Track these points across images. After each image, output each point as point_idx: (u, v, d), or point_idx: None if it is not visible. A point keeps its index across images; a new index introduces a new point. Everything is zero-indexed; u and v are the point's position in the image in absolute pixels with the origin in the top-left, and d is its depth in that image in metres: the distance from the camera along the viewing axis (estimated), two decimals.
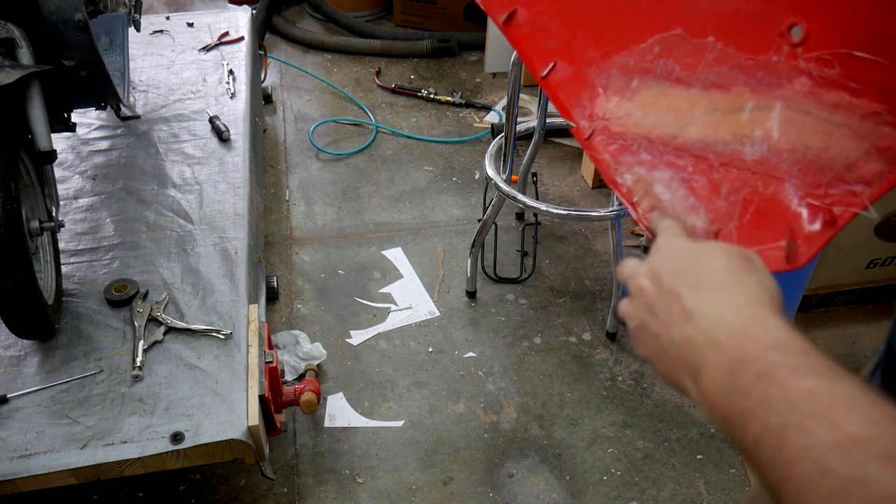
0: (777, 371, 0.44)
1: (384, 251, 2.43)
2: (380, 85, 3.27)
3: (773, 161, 0.62)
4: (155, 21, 2.72)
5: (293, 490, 1.75)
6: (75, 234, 1.82)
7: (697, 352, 0.50)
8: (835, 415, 0.40)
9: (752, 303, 0.50)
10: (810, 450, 0.40)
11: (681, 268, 0.54)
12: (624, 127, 0.68)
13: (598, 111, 0.69)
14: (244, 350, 1.53)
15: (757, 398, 0.44)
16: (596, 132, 0.69)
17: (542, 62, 0.70)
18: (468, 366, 2.06)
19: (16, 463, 1.32)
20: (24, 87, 1.41)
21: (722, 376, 0.47)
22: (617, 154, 0.68)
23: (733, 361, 0.47)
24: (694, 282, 0.53)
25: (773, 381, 0.44)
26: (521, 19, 0.71)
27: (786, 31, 0.62)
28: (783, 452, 0.41)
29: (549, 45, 0.70)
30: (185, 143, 2.15)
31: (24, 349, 1.53)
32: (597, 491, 1.76)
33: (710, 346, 0.49)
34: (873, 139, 0.58)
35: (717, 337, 0.49)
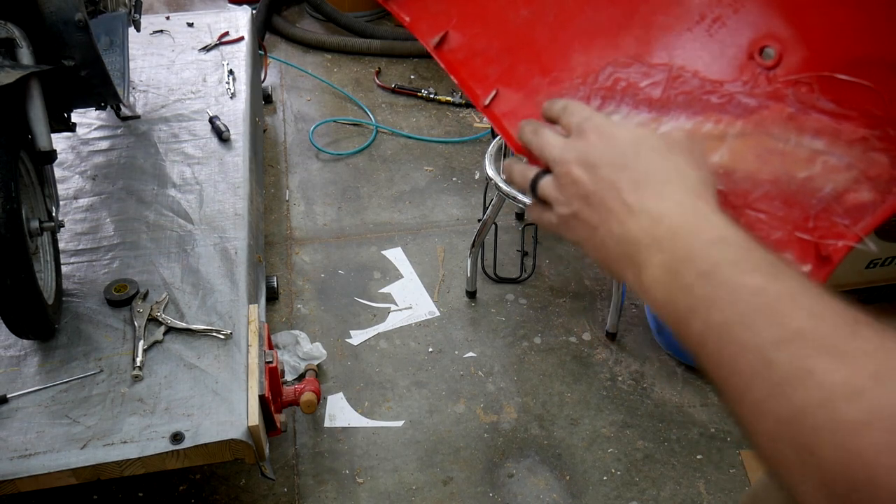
0: (719, 268, 0.44)
1: (384, 251, 2.43)
2: (380, 85, 3.27)
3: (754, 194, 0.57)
4: (155, 21, 2.72)
5: (293, 490, 1.75)
6: (75, 234, 1.82)
7: (640, 249, 0.49)
8: (778, 310, 0.40)
9: (692, 197, 0.49)
10: (754, 345, 0.40)
11: (619, 159, 0.52)
12: None
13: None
14: (244, 350, 1.53)
15: (700, 296, 0.44)
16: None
17: (484, 90, 0.65)
18: (468, 366, 2.06)
19: (16, 463, 1.32)
20: (24, 87, 1.41)
21: (665, 274, 0.47)
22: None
23: (675, 260, 0.46)
24: (634, 175, 0.51)
25: (715, 279, 0.43)
26: (455, 43, 0.65)
27: (756, 53, 0.57)
28: (727, 349, 0.41)
29: (490, 71, 0.64)
30: (185, 143, 2.15)
31: (24, 349, 1.53)
32: (597, 491, 1.76)
33: (652, 243, 0.48)
34: (862, 166, 0.54)
35: (658, 235, 0.48)
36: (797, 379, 0.38)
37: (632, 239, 0.49)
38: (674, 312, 0.46)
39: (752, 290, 0.42)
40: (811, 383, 0.37)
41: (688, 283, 0.45)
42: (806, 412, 0.37)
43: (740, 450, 1.85)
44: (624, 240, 0.50)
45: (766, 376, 0.39)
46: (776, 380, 0.38)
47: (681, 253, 0.46)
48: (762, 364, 0.39)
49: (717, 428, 1.90)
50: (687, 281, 0.45)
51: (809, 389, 0.37)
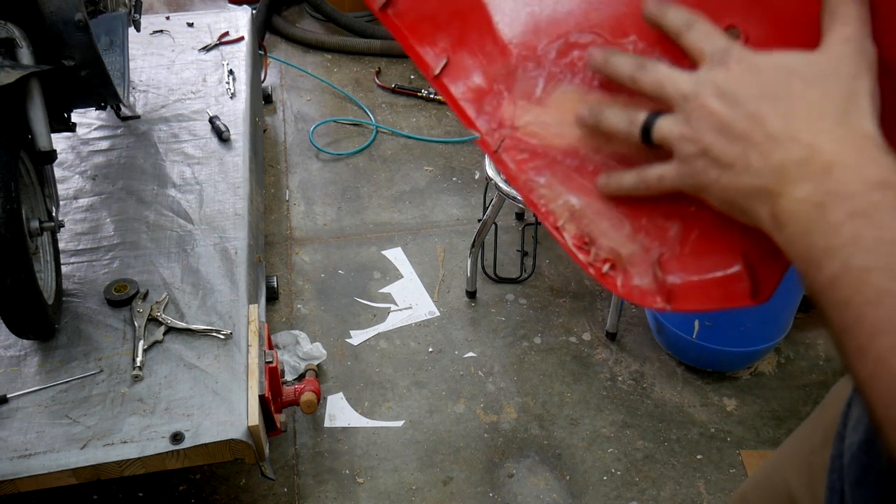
0: (877, 211, 0.39)
1: (384, 251, 2.43)
2: (380, 85, 3.27)
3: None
4: (155, 21, 2.72)
5: (293, 490, 1.75)
6: (75, 234, 1.82)
7: (783, 179, 0.44)
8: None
9: (857, 136, 0.43)
10: (894, 296, 0.37)
11: (766, 90, 0.46)
12: (538, 138, 0.57)
13: (506, 118, 0.58)
14: (244, 350, 1.53)
15: (846, 236, 0.40)
16: (505, 143, 0.58)
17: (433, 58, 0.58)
18: (468, 366, 2.06)
19: (16, 463, 1.32)
20: (24, 87, 1.41)
21: (809, 208, 0.42)
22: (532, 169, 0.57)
23: (827, 194, 0.41)
24: (785, 107, 0.45)
25: (869, 221, 0.39)
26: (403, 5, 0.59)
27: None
28: (862, 293, 0.38)
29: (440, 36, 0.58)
30: (185, 143, 2.15)
31: (24, 349, 1.53)
32: (597, 491, 1.76)
33: (802, 173, 0.43)
34: None
35: (811, 165, 0.43)
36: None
37: (775, 169, 0.44)
38: (806, 250, 0.42)
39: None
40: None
41: (835, 222, 0.40)
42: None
43: (740, 450, 1.86)
44: (764, 171, 0.45)
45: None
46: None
47: (835, 188, 0.41)
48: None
49: (717, 428, 1.90)
50: (835, 219, 0.40)
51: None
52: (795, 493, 0.74)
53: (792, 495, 0.75)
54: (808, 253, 0.42)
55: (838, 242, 0.40)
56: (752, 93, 0.46)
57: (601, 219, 0.56)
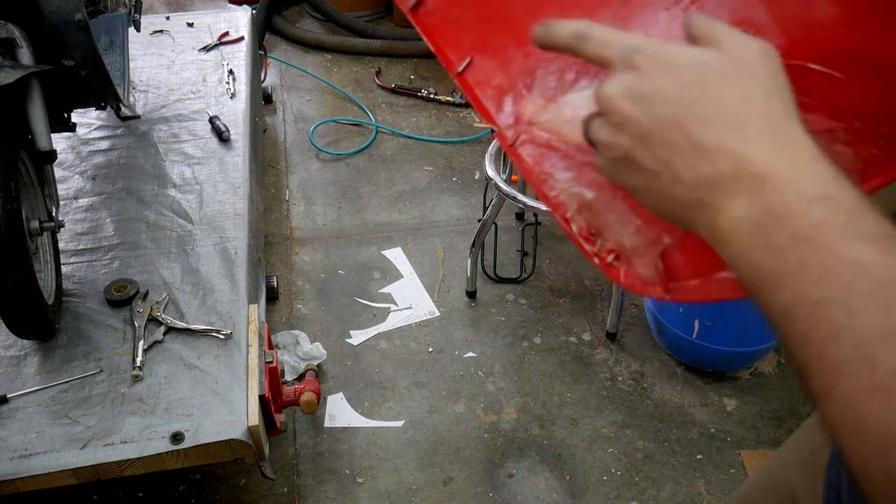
0: (821, 233, 0.36)
1: (384, 251, 2.43)
2: (380, 85, 3.27)
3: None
4: (155, 21, 2.72)
5: (293, 490, 1.75)
6: (75, 234, 1.82)
7: (717, 193, 0.40)
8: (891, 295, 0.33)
9: (788, 142, 0.40)
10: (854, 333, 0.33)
11: (682, 91, 0.42)
12: (553, 133, 0.60)
13: (523, 115, 0.61)
14: (244, 350, 1.53)
15: (793, 264, 0.36)
16: (521, 138, 0.61)
17: (458, 56, 0.62)
18: (468, 366, 2.06)
19: (16, 463, 1.32)
20: (24, 87, 1.41)
21: (749, 228, 0.39)
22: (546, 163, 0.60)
23: (765, 213, 0.38)
24: (703, 110, 0.42)
25: (814, 245, 0.36)
26: (432, 7, 0.62)
27: None
28: (819, 330, 0.35)
29: (464, 38, 0.62)
30: (185, 143, 2.15)
31: (24, 349, 1.53)
32: (597, 491, 1.76)
33: (735, 188, 0.40)
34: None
35: (743, 178, 0.39)
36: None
37: (706, 182, 0.41)
38: (754, 275, 0.39)
39: (861, 265, 0.35)
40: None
41: (778, 245, 0.37)
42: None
43: (740, 450, 1.86)
44: (694, 185, 0.42)
45: (864, 375, 0.33)
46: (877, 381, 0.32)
47: (772, 205, 0.38)
48: (862, 360, 0.33)
49: (717, 428, 1.90)
50: (777, 242, 0.37)
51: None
52: (797, 493, 0.74)
53: (793, 495, 0.75)
54: (754, 276, 0.39)
55: (785, 269, 0.37)
56: (667, 95, 0.43)
57: (609, 212, 0.58)
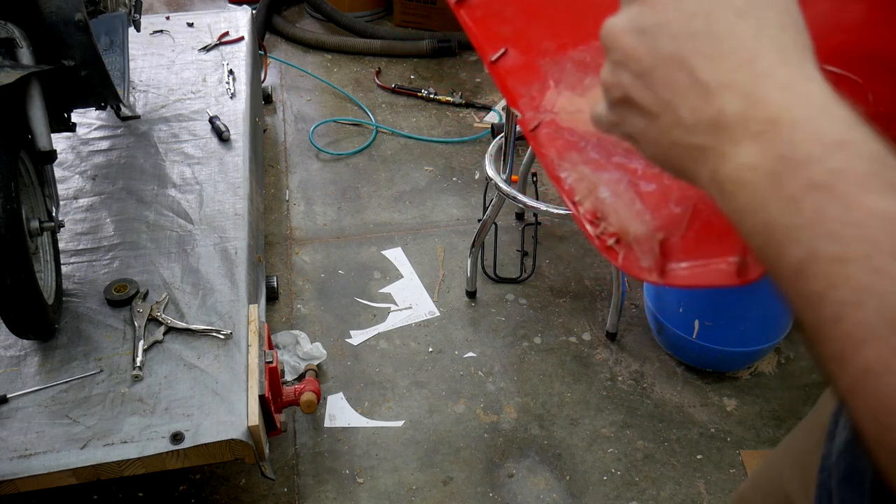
0: (840, 182, 0.32)
1: (384, 251, 2.43)
2: (380, 85, 3.27)
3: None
4: (155, 21, 2.72)
5: (293, 490, 1.75)
6: (75, 234, 1.82)
7: (722, 137, 0.37)
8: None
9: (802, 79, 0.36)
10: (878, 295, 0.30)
11: (686, 26, 0.38)
12: (573, 123, 0.63)
13: (547, 104, 0.64)
14: (244, 350, 1.53)
15: (808, 215, 0.33)
16: (542, 124, 0.64)
17: (493, 47, 0.66)
18: (468, 366, 2.06)
19: (16, 463, 1.32)
20: (24, 87, 1.41)
21: (759, 176, 0.35)
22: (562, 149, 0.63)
23: (778, 159, 0.34)
24: (710, 44, 0.37)
25: (833, 196, 0.32)
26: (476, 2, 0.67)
27: None
28: (837, 290, 0.32)
29: (502, 30, 0.66)
30: (185, 143, 2.15)
31: (24, 349, 1.53)
32: (597, 491, 1.76)
33: (744, 132, 0.36)
34: None
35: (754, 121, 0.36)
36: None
37: (710, 125, 0.37)
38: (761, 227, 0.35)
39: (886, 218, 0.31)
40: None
41: (792, 195, 0.34)
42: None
43: (740, 450, 1.85)
44: (696, 127, 0.38)
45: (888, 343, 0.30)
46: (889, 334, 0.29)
47: (786, 150, 0.34)
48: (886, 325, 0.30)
49: (717, 428, 1.90)
50: (791, 191, 0.34)
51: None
52: (792, 493, 0.74)
53: (788, 496, 0.75)
54: (763, 230, 0.35)
55: (799, 221, 0.33)
56: (671, 28, 0.39)
57: (617, 199, 0.60)
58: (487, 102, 3.16)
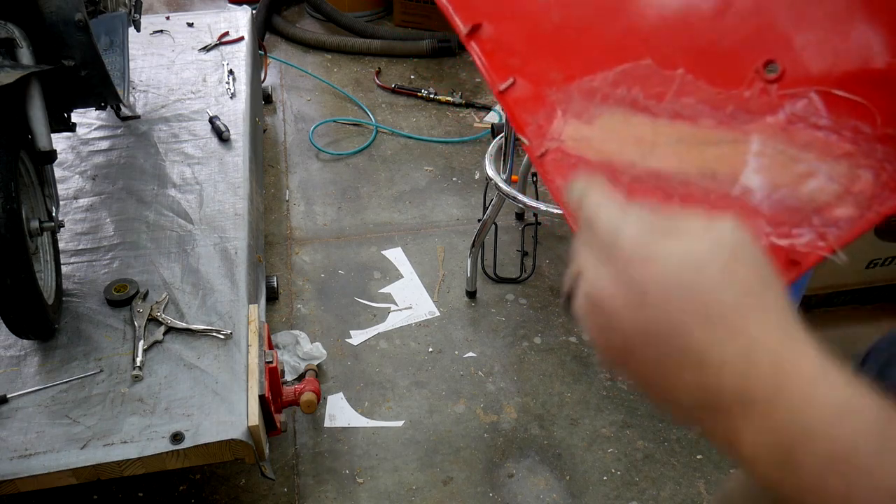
0: (856, 456, 0.33)
1: (384, 251, 2.43)
2: (380, 85, 3.27)
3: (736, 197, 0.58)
4: (155, 21, 2.73)
5: (293, 490, 1.75)
6: (75, 234, 1.82)
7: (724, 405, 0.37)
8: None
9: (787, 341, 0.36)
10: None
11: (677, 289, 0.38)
12: (580, 150, 0.65)
13: (554, 132, 0.67)
14: (244, 350, 1.53)
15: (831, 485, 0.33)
16: (549, 152, 0.66)
17: (501, 77, 0.69)
18: (468, 366, 2.06)
19: (16, 463, 1.32)
20: (24, 87, 1.41)
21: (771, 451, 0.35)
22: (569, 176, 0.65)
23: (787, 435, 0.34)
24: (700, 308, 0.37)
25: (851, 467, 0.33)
26: (486, 34, 0.69)
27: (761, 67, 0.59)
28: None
29: (511, 61, 0.69)
30: (185, 143, 2.15)
31: (24, 349, 1.53)
32: (597, 491, 1.76)
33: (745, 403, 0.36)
34: (846, 182, 0.55)
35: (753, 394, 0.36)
36: None
37: (713, 394, 0.37)
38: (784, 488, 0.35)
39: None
40: None
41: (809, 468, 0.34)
42: None
43: None
44: (699, 394, 0.38)
45: None
46: None
47: (793, 426, 0.34)
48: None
49: None
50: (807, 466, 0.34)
51: None
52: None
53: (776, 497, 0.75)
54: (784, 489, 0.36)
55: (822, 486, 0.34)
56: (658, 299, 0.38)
57: None
58: (487, 102, 3.16)
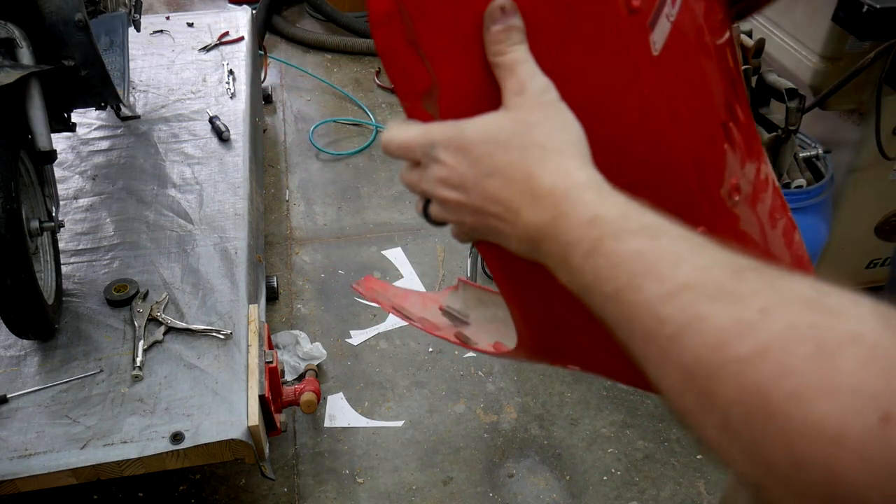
0: (600, 244, 0.45)
1: (384, 251, 2.43)
2: (380, 85, 3.27)
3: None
4: (155, 21, 2.72)
5: (293, 490, 1.75)
6: (75, 234, 1.82)
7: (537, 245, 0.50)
8: (661, 268, 0.41)
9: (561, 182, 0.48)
10: (644, 304, 0.41)
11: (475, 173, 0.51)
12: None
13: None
14: (244, 350, 1.53)
15: (590, 274, 0.45)
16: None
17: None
18: (468, 366, 2.06)
19: (16, 463, 1.32)
20: (24, 87, 1.41)
21: (559, 264, 0.48)
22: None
23: (562, 248, 0.47)
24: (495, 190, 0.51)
25: (599, 254, 0.44)
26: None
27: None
28: (624, 314, 0.43)
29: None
30: (185, 143, 2.15)
31: (24, 349, 1.53)
32: (597, 491, 1.76)
33: (541, 238, 0.49)
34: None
35: (542, 229, 0.48)
36: (689, 327, 0.38)
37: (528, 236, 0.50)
38: (579, 294, 0.47)
39: (634, 253, 0.43)
40: (703, 328, 0.38)
41: (578, 266, 0.46)
42: (702, 358, 0.37)
43: None
44: (523, 237, 0.51)
45: (659, 331, 0.40)
46: (670, 333, 0.39)
47: (566, 240, 0.47)
48: (654, 321, 0.40)
49: None
50: (576, 264, 0.46)
51: (702, 335, 0.37)
52: None
53: None
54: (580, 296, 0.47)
55: (588, 280, 0.45)
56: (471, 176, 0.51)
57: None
58: None
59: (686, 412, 0.40)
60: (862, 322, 0.34)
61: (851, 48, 1.69)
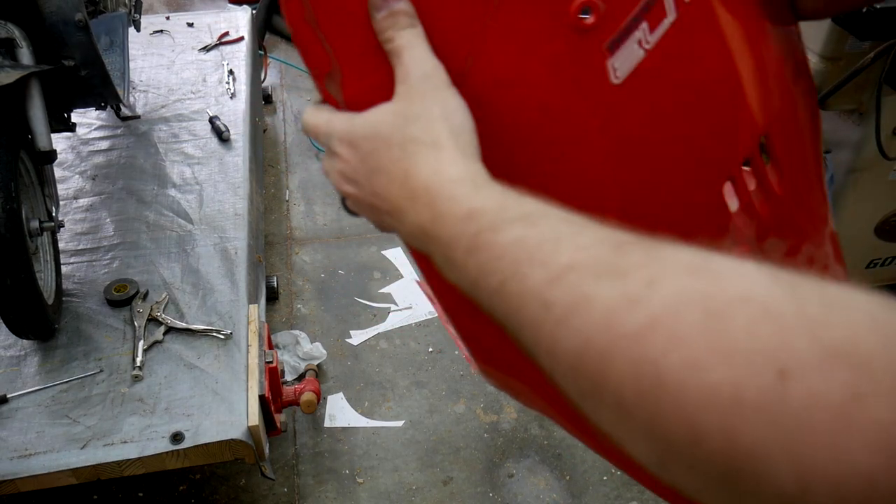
0: (479, 238, 0.43)
1: (384, 251, 2.43)
2: None
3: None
4: (155, 21, 2.72)
5: (293, 490, 1.75)
6: (75, 234, 1.82)
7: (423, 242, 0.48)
8: (543, 252, 0.40)
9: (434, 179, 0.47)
10: (530, 291, 0.40)
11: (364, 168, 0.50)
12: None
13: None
14: (244, 350, 1.53)
15: (474, 270, 0.44)
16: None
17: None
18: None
19: (16, 463, 1.32)
20: (24, 87, 1.41)
21: (443, 264, 0.47)
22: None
23: (444, 247, 0.46)
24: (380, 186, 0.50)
25: (480, 249, 0.43)
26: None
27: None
28: (511, 305, 0.41)
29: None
30: (185, 143, 2.15)
31: (24, 349, 1.53)
32: (597, 491, 1.76)
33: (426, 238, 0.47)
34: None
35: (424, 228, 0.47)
36: (576, 308, 0.37)
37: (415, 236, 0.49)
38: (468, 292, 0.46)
39: (514, 242, 0.42)
40: (590, 308, 0.37)
41: (462, 264, 0.45)
42: (591, 339, 0.36)
43: None
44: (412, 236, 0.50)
45: (547, 317, 0.39)
46: (557, 317, 0.38)
47: (445, 240, 0.46)
48: (541, 307, 0.39)
49: None
50: (460, 262, 0.45)
51: (590, 314, 0.36)
52: None
53: None
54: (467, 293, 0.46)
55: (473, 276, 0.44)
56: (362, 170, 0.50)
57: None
58: None
59: (580, 397, 0.38)
60: (750, 282, 0.33)
61: (851, 48, 1.70)
